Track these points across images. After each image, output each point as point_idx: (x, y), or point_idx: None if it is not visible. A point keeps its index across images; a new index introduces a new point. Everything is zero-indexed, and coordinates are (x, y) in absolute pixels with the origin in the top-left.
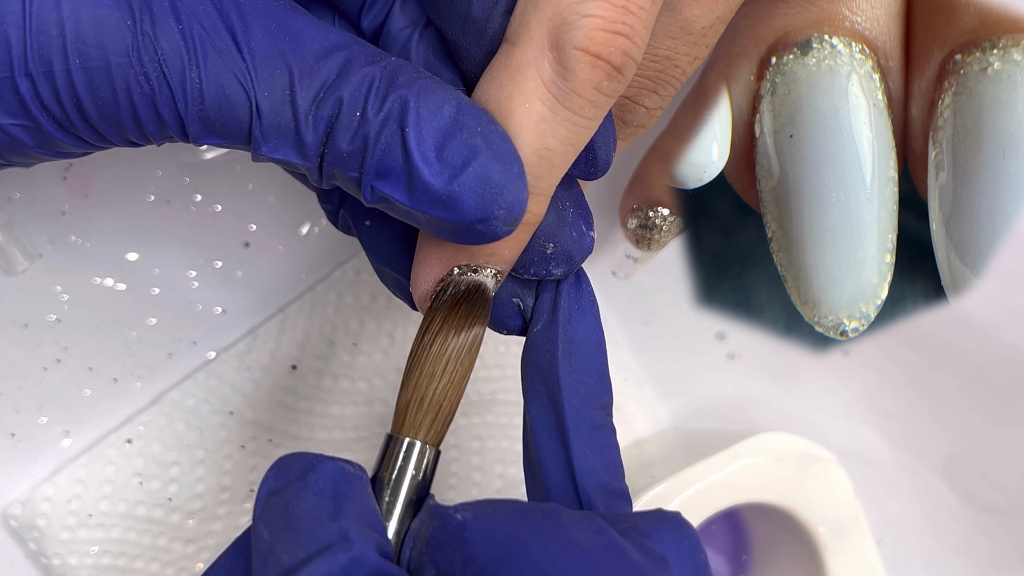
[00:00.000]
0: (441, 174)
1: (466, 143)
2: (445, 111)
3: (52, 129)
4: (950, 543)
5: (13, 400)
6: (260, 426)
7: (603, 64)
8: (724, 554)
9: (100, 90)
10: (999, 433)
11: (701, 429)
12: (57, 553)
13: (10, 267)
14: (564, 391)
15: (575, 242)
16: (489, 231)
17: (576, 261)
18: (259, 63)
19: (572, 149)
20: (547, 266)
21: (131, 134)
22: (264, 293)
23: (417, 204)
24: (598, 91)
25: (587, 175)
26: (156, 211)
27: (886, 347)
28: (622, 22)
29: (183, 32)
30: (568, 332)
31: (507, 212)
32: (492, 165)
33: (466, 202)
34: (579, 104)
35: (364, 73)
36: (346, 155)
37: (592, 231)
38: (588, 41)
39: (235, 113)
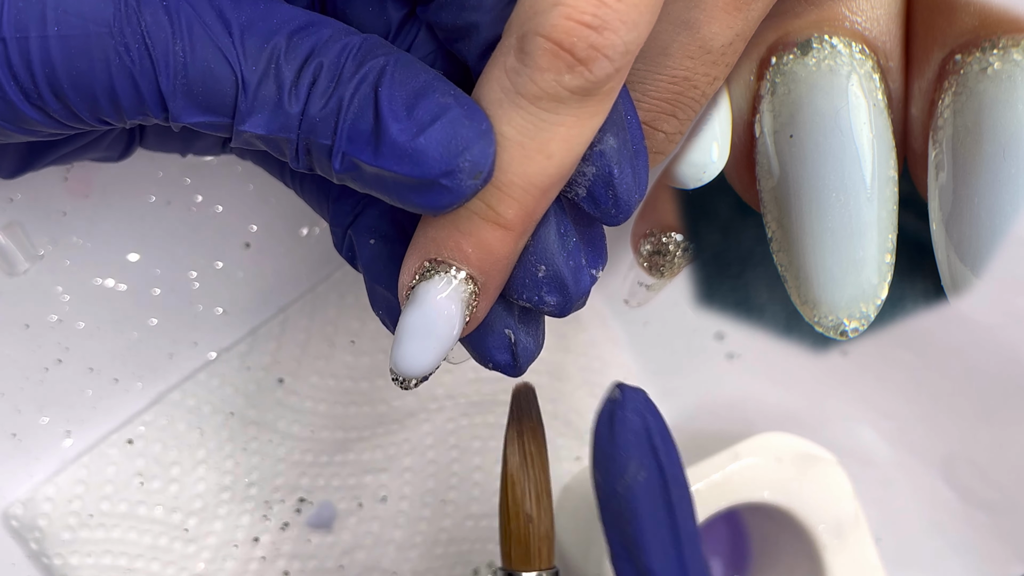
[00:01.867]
0: (409, 130)
1: (437, 101)
2: (421, 77)
3: (18, 99)
4: (949, 541)
5: (14, 400)
6: (261, 426)
7: (564, 55)
8: (723, 554)
9: (76, 60)
10: (997, 432)
11: (700, 429)
12: (58, 553)
13: (11, 268)
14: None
15: (570, 271)
16: (454, 185)
17: (570, 293)
18: (246, 38)
19: (532, 142)
20: (538, 291)
21: (103, 111)
22: (265, 294)
23: (382, 161)
24: (559, 84)
25: (607, 218)
26: (157, 212)
27: (885, 348)
28: (592, 13)
29: (167, 6)
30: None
31: (472, 165)
32: (460, 120)
33: (431, 155)
34: (534, 93)
35: (345, 42)
36: (319, 119)
37: (595, 271)
38: (551, 29)
39: (220, 87)
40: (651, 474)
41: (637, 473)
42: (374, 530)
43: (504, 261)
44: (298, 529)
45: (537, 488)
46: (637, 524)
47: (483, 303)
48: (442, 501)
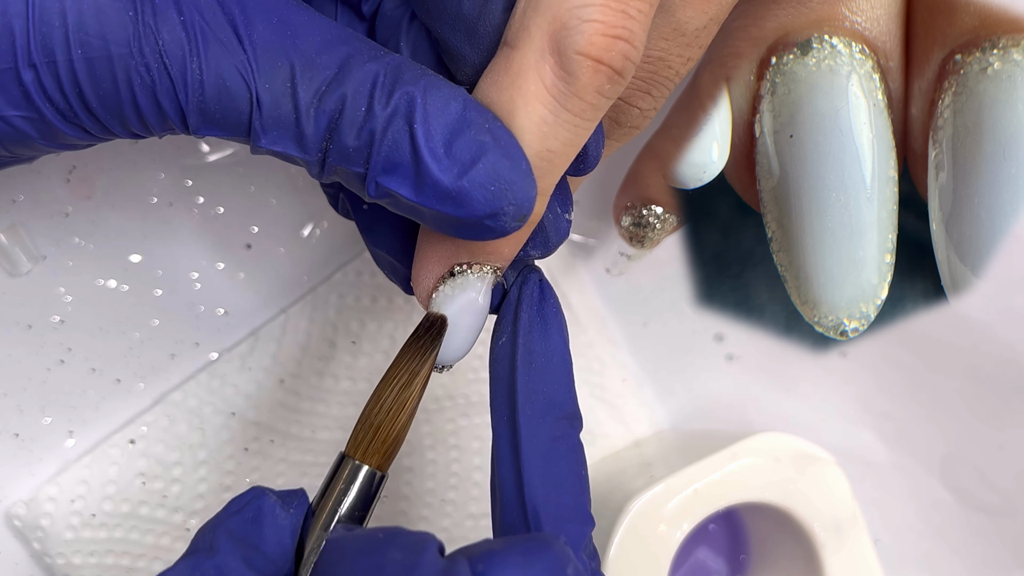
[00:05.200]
0: (451, 170)
1: (475, 139)
2: (452, 108)
3: (56, 120)
4: (946, 542)
5: (17, 401)
6: (262, 427)
7: (605, 68)
8: (722, 554)
9: (102, 80)
10: (995, 434)
11: (699, 429)
12: (61, 553)
13: (14, 268)
14: (520, 403)
15: (551, 223)
16: (498, 226)
17: (552, 242)
18: (260, 55)
19: (572, 149)
20: (525, 248)
21: (133, 125)
22: (266, 295)
23: (425, 200)
24: (599, 94)
25: (577, 171)
26: (159, 213)
27: (883, 348)
28: (622, 26)
29: (184, 23)
30: (529, 344)
31: (516, 208)
32: (501, 161)
33: (476, 198)
34: (581, 107)
35: (368, 69)
36: (352, 150)
37: (568, 214)
38: (590, 46)
39: (235, 105)
40: (507, 339)
41: (499, 337)
42: None
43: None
44: None
45: (405, 398)
46: (491, 386)
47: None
48: (442, 501)
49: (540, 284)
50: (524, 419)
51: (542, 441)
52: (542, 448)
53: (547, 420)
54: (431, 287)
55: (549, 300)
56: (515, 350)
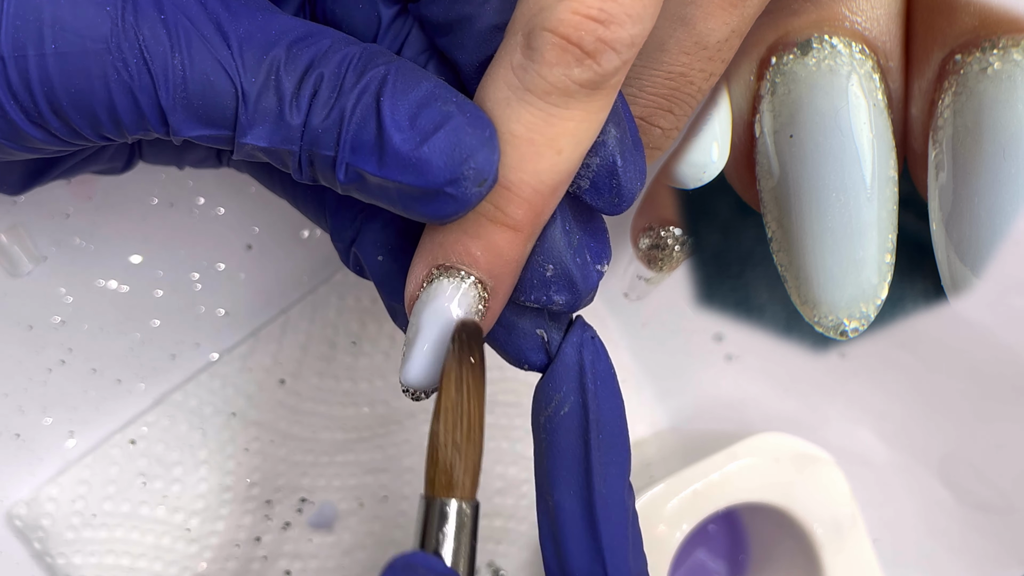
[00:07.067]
0: (412, 139)
1: (439, 110)
2: (423, 86)
3: (19, 119)
4: (946, 542)
5: (18, 401)
6: (262, 427)
7: (573, 48)
8: (722, 554)
9: (74, 77)
10: (994, 433)
11: (699, 430)
12: (61, 552)
13: (15, 269)
14: (595, 480)
15: (578, 268)
16: (459, 193)
17: (579, 290)
18: (245, 51)
19: (543, 139)
20: (547, 291)
21: (104, 127)
22: (266, 295)
23: (387, 171)
24: (567, 77)
25: (610, 207)
26: (159, 214)
27: (882, 349)
28: (598, 7)
29: (166, 21)
30: (599, 415)
31: (476, 172)
32: (463, 128)
33: (435, 164)
34: (544, 89)
35: (344, 52)
36: (322, 131)
37: (601, 266)
38: (558, 23)
39: (220, 100)
40: (573, 410)
41: (561, 407)
42: (375, 530)
43: (514, 263)
44: (300, 529)
45: (470, 420)
46: (552, 458)
47: (494, 307)
48: None
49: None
50: (601, 496)
51: (622, 515)
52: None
53: (622, 491)
54: (413, 293)
55: (606, 361)
56: (587, 424)
